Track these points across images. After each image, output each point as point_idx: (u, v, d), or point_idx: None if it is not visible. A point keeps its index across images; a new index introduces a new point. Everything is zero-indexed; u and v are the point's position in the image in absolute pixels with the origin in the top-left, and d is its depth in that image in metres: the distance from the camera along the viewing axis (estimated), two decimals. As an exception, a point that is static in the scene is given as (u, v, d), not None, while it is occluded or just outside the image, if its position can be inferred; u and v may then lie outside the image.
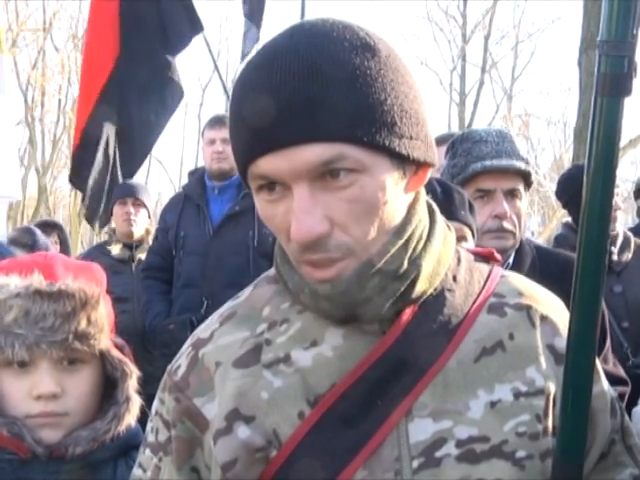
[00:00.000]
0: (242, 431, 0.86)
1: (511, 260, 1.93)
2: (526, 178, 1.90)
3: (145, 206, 3.87)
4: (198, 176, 3.53)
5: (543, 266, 1.91)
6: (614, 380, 1.85)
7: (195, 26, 4.46)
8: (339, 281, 0.82)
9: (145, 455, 0.95)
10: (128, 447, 1.26)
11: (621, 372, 1.91)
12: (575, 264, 0.80)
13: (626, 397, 1.88)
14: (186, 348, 0.95)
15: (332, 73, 0.77)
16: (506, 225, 1.85)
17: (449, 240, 0.92)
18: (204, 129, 3.62)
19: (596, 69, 0.74)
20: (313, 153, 0.77)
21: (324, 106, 0.76)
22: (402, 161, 0.82)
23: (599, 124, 0.75)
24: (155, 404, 0.96)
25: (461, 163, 1.92)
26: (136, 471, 0.96)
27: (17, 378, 1.19)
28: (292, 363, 0.87)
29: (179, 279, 3.37)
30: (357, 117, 0.77)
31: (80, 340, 1.18)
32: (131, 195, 3.83)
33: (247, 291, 0.97)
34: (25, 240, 3.60)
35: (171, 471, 0.91)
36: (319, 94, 0.76)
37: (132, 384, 1.25)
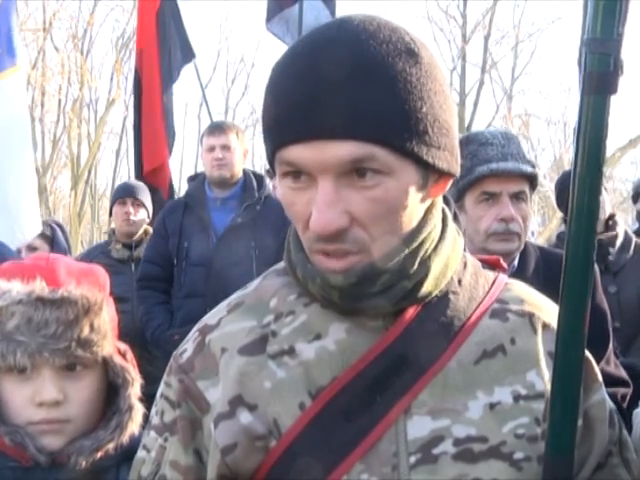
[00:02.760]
0: (244, 417, 0.88)
1: (516, 262, 1.93)
2: (532, 181, 1.91)
3: (144, 206, 3.87)
4: (199, 184, 3.51)
5: (546, 267, 1.92)
6: (616, 382, 1.86)
7: (187, 55, 4.67)
8: (351, 273, 0.83)
9: (149, 437, 0.96)
10: (132, 454, 1.25)
11: (623, 374, 1.91)
12: (564, 259, 0.81)
13: (627, 398, 1.88)
14: (193, 333, 0.96)
15: (374, 74, 0.78)
16: (512, 227, 1.86)
17: (458, 245, 0.93)
18: (203, 135, 3.60)
19: (582, 67, 0.75)
20: (344, 150, 0.79)
21: (362, 105, 0.78)
22: (427, 169, 0.83)
23: (586, 122, 0.76)
24: (161, 388, 0.97)
25: (467, 166, 1.92)
26: (140, 453, 0.97)
27: (19, 385, 1.19)
28: (296, 355, 0.89)
29: (181, 289, 3.37)
30: (392, 121, 0.79)
31: (82, 347, 1.17)
32: (130, 195, 3.85)
33: (256, 282, 0.98)
34: (45, 231, 3.62)
35: (177, 450, 0.92)
36: (359, 92, 0.78)
37: (134, 392, 1.25)
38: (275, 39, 4.75)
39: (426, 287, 0.87)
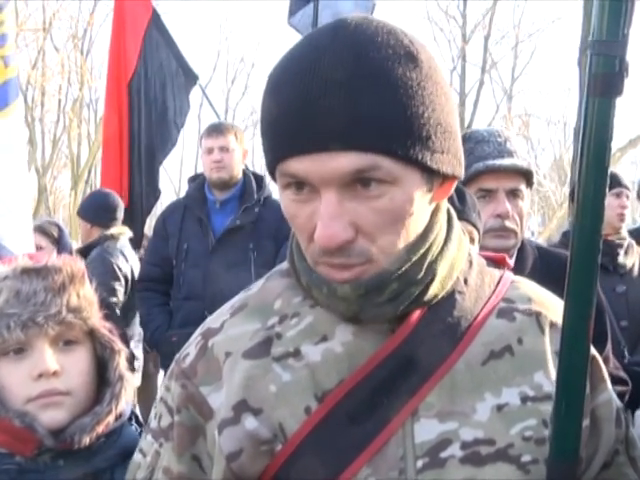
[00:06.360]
0: (249, 422, 0.86)
1: (513, 260, 1.92)
2: (528, 178, 1.90)
3: (82, 218, 4.01)
4: (198, 186, 3.49)
5: (544, 266, 1.91)
6: (614, 380, 1.86)
7: (189, 79, 4.71)
8: (359, 283, 0.81)
9: (146, 440, 0.95)
10: (127, 455, 1.24)
11: (621, 374, 1.91)
12: (568, 262, 0.80)
13: (626, 397, 1.88)
14: (195, 337, 0.95)
15: (374, 81, 0.75)
16: (508, 224, 1.84)
17: (463, 244, 0.92)
18: (202, 137, 3.57)
19: (587, 69, 0.74)
20: (346, 161, 0.76)
21: (361, 115, 0.75)
22: (431, 174, 0.81)
23: (591, 124, 0.74)
24: (160, 391, 0.96)
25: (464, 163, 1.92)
26: (136, 456, 0.97)
27: (15, 365, 1.18)
28: (301, 357, 0.87)
29: (180, 291, 3.36)
30: (394, 129, 0.76)
31: (73, 313, 1.18)
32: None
33: (259, 283, 0.97)
34: (52, 231, 3.62)
35: (170, 458, 0.91)
36: (359, 101, 0.75)
37: (122, 362, 1.25)
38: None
39: (432, 290, 0.86)
